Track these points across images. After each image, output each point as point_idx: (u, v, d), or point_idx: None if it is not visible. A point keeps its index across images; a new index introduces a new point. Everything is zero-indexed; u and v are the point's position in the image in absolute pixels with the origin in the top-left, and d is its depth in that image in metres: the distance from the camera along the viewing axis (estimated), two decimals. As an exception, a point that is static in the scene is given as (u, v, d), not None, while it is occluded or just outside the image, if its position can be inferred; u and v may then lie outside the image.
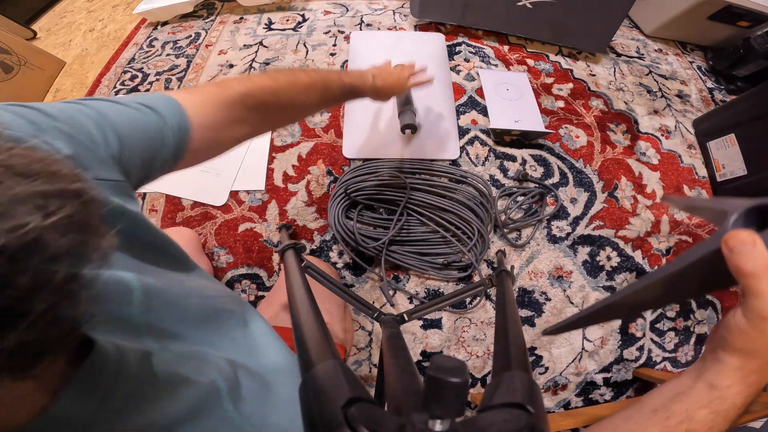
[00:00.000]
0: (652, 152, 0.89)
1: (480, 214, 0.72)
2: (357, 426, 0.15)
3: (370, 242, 0.69)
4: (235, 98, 0.35)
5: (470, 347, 0.70)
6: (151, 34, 1.10)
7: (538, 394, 0.21)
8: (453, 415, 0.14)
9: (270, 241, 0.75)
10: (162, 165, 0.30)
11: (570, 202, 0.81)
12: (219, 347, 0.29)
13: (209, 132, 0.33)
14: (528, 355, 0.50)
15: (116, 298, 0.21)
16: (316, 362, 0.21)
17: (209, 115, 0.33)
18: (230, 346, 0.30)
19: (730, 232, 0.19)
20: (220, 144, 0.36)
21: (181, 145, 0.31)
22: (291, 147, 0.83)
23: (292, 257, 0.43)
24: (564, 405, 0.70)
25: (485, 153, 0.85)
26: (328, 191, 0.79)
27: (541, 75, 0.98)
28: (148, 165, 0.29)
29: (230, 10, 1.13)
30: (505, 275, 0.45)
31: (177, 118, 0.30)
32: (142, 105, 0.29)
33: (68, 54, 1.15)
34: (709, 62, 1.08)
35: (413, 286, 0.73)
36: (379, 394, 0.43)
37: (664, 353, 0.74)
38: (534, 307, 0.73)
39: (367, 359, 0.69)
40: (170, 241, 0.30)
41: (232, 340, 0.31)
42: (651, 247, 0.79)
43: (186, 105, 0.31)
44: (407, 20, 1.08)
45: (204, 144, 0.33)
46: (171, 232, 0.64)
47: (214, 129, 0.34)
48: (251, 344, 0.33)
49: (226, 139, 0.36)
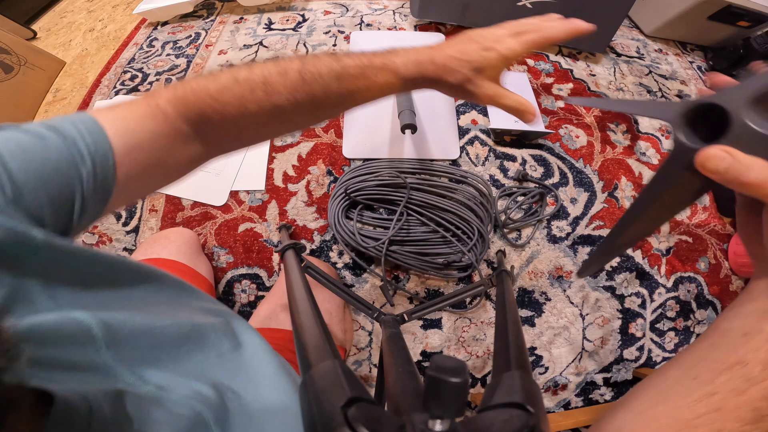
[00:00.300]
0: (652, 152, 0.89)
1: (480, 214, 0.72)
2: (357, 426, 0.15)
3: (370, 242, 0.69)
4: (165, 108, 0.28)
5: (470, 347, 0.70)
6: (151, 34, 1.10)
7: (538, 394, 0.21)
8: (453, 415, 0.14)
9: (270, 241, 0.75)
10: (85, 204, 0.23)
11: (570, 202, 0.81)
12: (203, 368, 0.26)
13: (141, 153, 0.26)
14: (528, 355, 0.50)
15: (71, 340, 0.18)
16: (316, 362, 0.21)
17: (136, 131, 0.26)
18: (216, 364, 0.28)
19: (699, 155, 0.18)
20: (162, 168, 0.28)
21: (105, 173, 0.24)
22: (291, 147, 0.83)
23: (292, 257, 0.43)
24: (564, 405, 0.70)
25: (485, 153, 0.85)
26: (328, 191, 0.79)
27: (541, 75, 0.98)
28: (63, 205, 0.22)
29: (230, 10, 1.13)
30: (505, 275, 0.45)
31: (91, 138, 0.23)
32: (43, 128, 0.23)
33: (68, 54, 1.15)
34: (709, 62, 1.08)
35: (413, 286, 0.73)
36: (379, 394, 0.43)
37: (664, 353, 0.74)
38: (534, 307, 0.73)
39: (367, 359, 0.69)
40: (131, 264, 0.26)
41: (219, 356, 0.28)
42: (651, 247, 0.79)
43: (104, 122, 0.25)
44: (407, 20, 1.08)
45: (137, 169, 0.26)
46: (171, 233, 0.64)
47: (147, 149, 0.26)
48: (240, 361, 0.30)
49: (169, 161, 0.29)
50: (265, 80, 0.29)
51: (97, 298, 0.21)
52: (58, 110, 0.99)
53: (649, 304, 0.76)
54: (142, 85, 0.97)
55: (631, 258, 0.78)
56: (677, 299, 0.76)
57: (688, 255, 0.79)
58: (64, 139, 0.22)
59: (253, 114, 0.30)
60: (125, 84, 0.98)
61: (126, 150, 0.25)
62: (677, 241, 0.80)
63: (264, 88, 0.29)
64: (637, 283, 0.76)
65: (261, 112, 0.30)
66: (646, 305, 0.75)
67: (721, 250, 0.81)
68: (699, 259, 0.79)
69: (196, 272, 0.58)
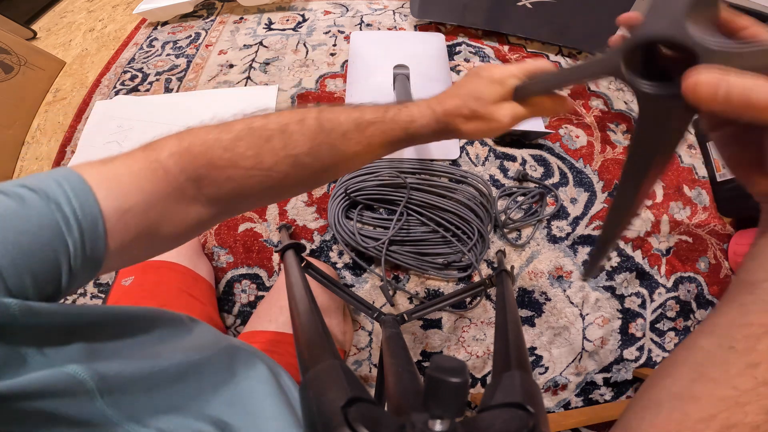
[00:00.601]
0: (652, 152, 0.89)
1: (480, 214, 0.72)
2: (357, 426, 0.15)
3: (370, 242, 0.69)
4: (167, 163, 0.24)
5: (470, 347, 0.70)
6: (151, 34, 1.10)
7: (538, 394, 0.21)
8: (453, 415, 0.14)
9: (270, 241, 0.75)
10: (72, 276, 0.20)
11: (570, 202, 0.81)
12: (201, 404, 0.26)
13: (136, 219, 0.23)
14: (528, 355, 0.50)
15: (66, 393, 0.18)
16: (316, 362, 0.21)
17: (131, 193, 0.22)
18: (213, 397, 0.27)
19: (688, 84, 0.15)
20: (160, 233, 0.25)
21: (94, 242, 0.21)
22: (291, 147, 0.83)
23: (292, 257, 0.43)
24: (564, 405, 0.70)
25: (485, 153, 0.85)
26: (328, 191, 0.79)
27: (541, 75, 0.98)
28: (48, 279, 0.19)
29: (230, 10, 1.13)
30: (505, 275, 0.45)
31: (78, 202, 0.20)
32: (23, 188, 0.19)
33: (68, 54, 1.15)
34: (709, 62, 1.08)
35: (413, 286, 0.73)
36: (379, 394, 0.43)
37: (664, 353, 0.74)
38: (534, 307, 0.73)
39: (367, 359, 0.69)
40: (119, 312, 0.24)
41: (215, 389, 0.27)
42: (651, 247, 0.79)
43: (93, 181, 0.21)
44: (407, 20, 1.08)
45: (131, 236, 0.23)
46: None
47: (143, 213, 0.23)
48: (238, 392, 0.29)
49: (169, 226, 0.25)
50: (283, 128, 0.27)
51: (89, 350, 0.20)
52: (58, 110, 0.99)
53: (649, 304, 0.76)
54: (141, 85, 0.97)
55: (631, 258, 0.78)
56: (677, 299, 0.76)
57: (688, 255, 0.79)
58: (47, 203, 0.19)
59: (268, 168, 0.27)
60: (125, 84, 0.98)
61: (118, 215, 0.22)
62: (677, 241, 0.80)
63: (282, 138, 0.27)
64: (637, 283, 0.76)
65: (276, 167, 0.27)
66: (646, 305, 0.75)
67: (721, 250, 0.81)
68: (699, 259, 0.79)
69: (197, 274, 0.58)
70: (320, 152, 0.28)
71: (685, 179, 0.87)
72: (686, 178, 0.87)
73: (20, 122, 0.96)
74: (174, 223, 0.25)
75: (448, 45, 1.01)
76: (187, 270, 0.56)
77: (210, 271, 0.64)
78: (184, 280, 0.55)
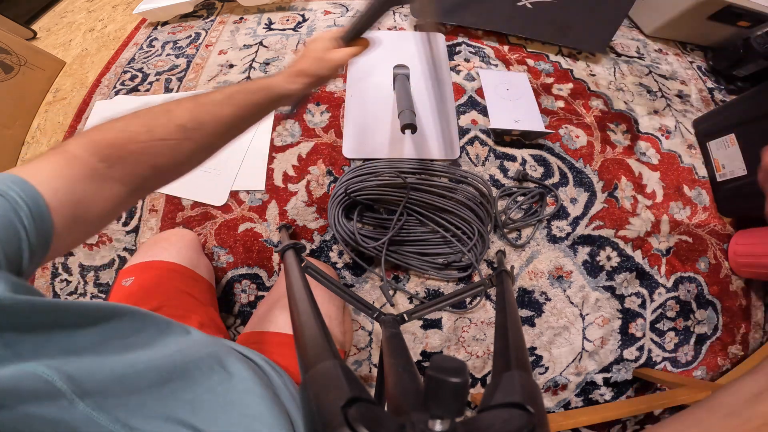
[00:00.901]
0: (652, 152, 0.89)
1: (480, 214, 0.72)
2: (357, 426, 0.15)
3: (370, 242, 0.69)
4: (76, 151, 0.28)
5: (470, 347, 0.70)
6: (151, 34, 1.10)
7: (538, 394, 0.21)
8: (453, 415, 0.14)
9: (270, 241, 0.75)
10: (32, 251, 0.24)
11: (570, 202, 0.81)
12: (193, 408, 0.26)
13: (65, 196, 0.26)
14: (528, 355, 0.50)
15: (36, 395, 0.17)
16: (316, 362, 0.21)
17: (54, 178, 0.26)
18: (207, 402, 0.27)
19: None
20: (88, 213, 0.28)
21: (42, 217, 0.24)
22: (291, 147, 0.83)
23: (292, 257, 0.43)
24: (564, 405, 0.70)
25: (485, 153, 0.85)
26: (328, 191, 0.79)
27: (541, 75, 0.98)
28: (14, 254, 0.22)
29: (230, 10, 1.13)
30: (505, 275, 0.45)
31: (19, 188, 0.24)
32: None
33: (68, 54, 1.15)
34: (709, 62, 1.08)
35: (413, 286, 0.73)
36: (379, 394, 0.43)
37: (664, 353, 0.74)
38: (534, 307, 0.73)
39: (367, 359, 0.69)
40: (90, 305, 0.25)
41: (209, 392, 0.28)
42: (651, 247, 0.79)
43: (24, 176, 0.25)
44: (407, 20, 1.08)
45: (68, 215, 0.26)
46: (171, 235, 0.64)
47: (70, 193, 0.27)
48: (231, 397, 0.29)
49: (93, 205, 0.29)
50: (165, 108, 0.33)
51: (60, 345, 0.21)
52: (58, 110, 0.99)
53: (649, 304, 0.76)
54: (142, 85, 0.97)
55: (631, 258, 0.78)
56: (677, 299, 0.76)
57: (688, 255, 0.79)
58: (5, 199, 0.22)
59: (161, 138, 0.32)
60: (125, 84, 0.98)
61: (51, 193, 0.25)
62: (677, 241, 0.80)
63: (165, 114, 0.33)
64: (637, 283, 0.76)
65: (169, 136, 0.32)
66: (646, 305, 0.75)
67: (721, 250, 0.81)
68: (699, 259, 0.79)
69: (197, 274, 0.58)
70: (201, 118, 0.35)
71: (685, 179, 0.87)
72: (686, 178, 0.87)
73: (20, 122, 0.96)
74: (97, 202, 0.29)
75: (448, 45, 1.01)
76: (187, 270, 0.56)
77: (210, 271, 0.64)
78: (184, 280, 0.55)
